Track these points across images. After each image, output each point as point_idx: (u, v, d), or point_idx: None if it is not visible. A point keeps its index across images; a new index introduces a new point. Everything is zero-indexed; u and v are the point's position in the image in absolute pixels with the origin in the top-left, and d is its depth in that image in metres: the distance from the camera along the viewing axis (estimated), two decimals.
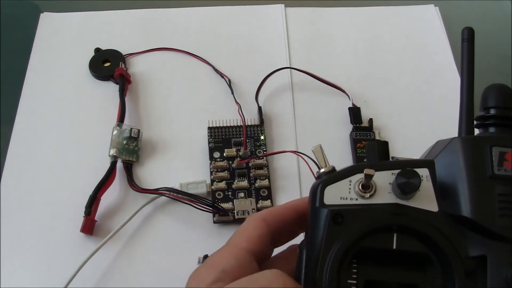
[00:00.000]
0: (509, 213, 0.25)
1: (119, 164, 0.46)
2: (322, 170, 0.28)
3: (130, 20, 0.57)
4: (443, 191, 0.26)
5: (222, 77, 0.52)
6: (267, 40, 0.56)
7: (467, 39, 0.33)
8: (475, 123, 0.30)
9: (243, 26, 0.57)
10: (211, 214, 0.44)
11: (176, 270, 0.41)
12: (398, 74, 0.54)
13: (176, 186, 0.44)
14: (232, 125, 0.48)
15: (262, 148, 0.47)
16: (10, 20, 0.58)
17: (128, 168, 0.46)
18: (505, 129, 0.28)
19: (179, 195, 0.43)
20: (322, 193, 0.26)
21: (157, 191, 0.44)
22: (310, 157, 0.30)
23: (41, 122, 0.49)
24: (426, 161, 0.27)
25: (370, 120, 0.49)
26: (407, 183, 0.25)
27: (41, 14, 0.57)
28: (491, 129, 0.28)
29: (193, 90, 0.52)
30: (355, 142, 0.48)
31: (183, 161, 0.47)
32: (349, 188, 0.26)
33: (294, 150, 0.45)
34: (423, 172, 0.26)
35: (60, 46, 0.54)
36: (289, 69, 0.53)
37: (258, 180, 0.45)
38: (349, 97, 0.51)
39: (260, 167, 0.46)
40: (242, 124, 0.47)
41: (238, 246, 0.28)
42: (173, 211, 0.44)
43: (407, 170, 0.25)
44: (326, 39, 0.56)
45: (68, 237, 0.43)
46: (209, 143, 0.47)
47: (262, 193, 0.45)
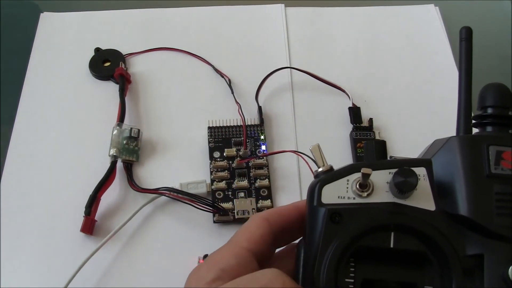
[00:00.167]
0: (506, 212, 0.25)
1: (119, 164, 0.46)
2: (320, 169, 0.28)
3: (130, 20, 0.57)
4: (441, 190, 0.26)
5: (222, 77, 0.52)
6: (267, 40, 0.56)
7: (465, 39, 0.33)
8: (473, 122, 0.30)
9: (243, 26, 0.57)
10: (211, 214, 0.44)
11: (176, 270, 0.41)
12: (398, 74, 0.54)
13: (176, 186, 0.44)
14: (232, 125, 0.48)
15: (262, 148, 0.47)
16: (10, 20, 0.58)
17: (128, 168, 0.46)
18: (503, 128, 0.28)
19: (179, 195, 0.43)
20: (320, 192, 0.26)
21: (157, 191, 0.44)
22: (310, 157, 0.30)
23: (41, 122, 0.49)
24: (424, 160, 0.27)
25: (370, 120, 0.49)
26: (404, 182, 0.25)
27: (41, 14, 0.57)
28: (489, 128, 0.28)
29: (193, 90, 0.52)
30: (355, 142, 0.48)
31: (183, 161, 0.47)
32: (347, 187, 0.26)
33: (294, 150, 0.45)
34: (421, 171, 0.26)
35: (60, 46, 0.54)
36: (289, 69, 0.53)
37: (258, 180, 0.45)
38: (349, 97, 0.51)
39: (260, 167, 0.46)
40: (242, 124, 0.47)
41: (239, 245, 0.27)
42: (173, 211, 0.44)
43: (404, 169, 0.25)
44: (326, 39, 0.56)
45: (68, 237, 0.43)
46: (209, 143, 0.47)
47: (262, 193, 0.45)
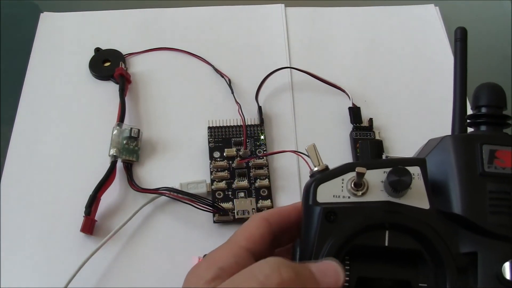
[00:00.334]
0: (500, 210, 0.25)
1: (119, 164, 0.46)
2: (316, 169, 0.29)
3: (130, 20, 0.57)
4: (435, 189, 0.26)
5: (222, 77, 0.52)
6: (267, 40, 0.56)
7: (460, 39, 0.33)
8: (467, 122, 0.30)
9: (243, 26, 0.57)
10: (211, 214, 0.44)
11: (176, 270, 0.41)
12: (398, 74, 0.54)
13: (176, 186, 0.44)
14: (232, 125, 0.48)
15: (262, 148, 0.47)
16: (10, 20, 0.58)
17: (128, 168, 0.46)
18: (496, 128, 0.29)
19: (179, 195, 0.43)
20: (315, 191, 0.27)
21: (157, 191, 0.44)
22: (310, 157, 0.30)
23: (41, 122, 0.49)
24: (418, 159, 0.27)
25: (370, 120, 0.49)
26: (399, 181, 0.25)
27: (41, 14, 0.57)
28: (483, 128, 0.29)
29: (193, 90, 0.52)
30: (355, 142, 0.48)
31: (183, 161, 0.47)
32: (342, 187, 0.27)
33: (294, 150, 0.45)
34: (415, 170, 0.27)
35: (60, 46, 0.54)
36: (289, 69, 0.53)
37: (258, 180, 0.45)
38: (349, 97, 0.51)
39: (260, 167, 0.46)
40: (242, 124, 0.47)
41: (238, 244, 0.28)
42: (173, 211, 0.44)
43: (399, 168, 0.26)
44: (326, 39, 0.56)
45: (68, 237, 0.43)
46: (209, 143, 0.47)
47: (262, 193, 0.45)
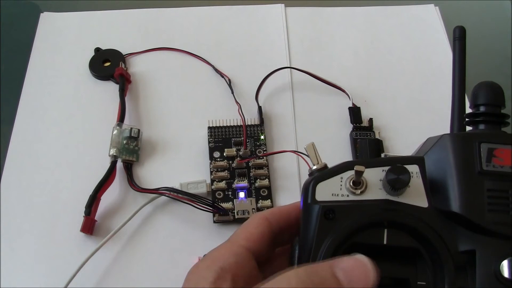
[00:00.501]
0: (498, 208, 0.25)
1: (119, 164, 0.46)
2: (314, 167, 0.29)
3: (130, 20, 0.57)
4: (433, 187, 0.27)
5: (222, 77, 0.52)
6: (267, 40, 0.56)
7: (459, 38, 0.33)
8: (466, 120, 0.30)
9: (243, 26, 0.57)
10: (211, 214, 0.44)
11: (176, 270, 0.41)
12: (398, 74, 0.54)
13: (176, 186, 0.44)
14: (232, 125, 0.48)
15: (262, 148, 0.47)
16: (10, 20, 0.58)
17: (128, 168, 0.46)
18: (495, 126, 0.29)
19: (179, 195, 0.43)
20: (314, 190, 0.27)
21: (157, 191, 0.44)
22: (309, 156, 0.30)
23: (41, 122, 0.49)
24: (416, 158, 0.27)
25: (370, 120, 0.49)
26: (397, 180, 0.25)
27: (41, 14, 0.57)
28: (481, 126, 0.29)
29: (193, 90, 0.52)
30: (355, 142, 0.48)
31: (183, 161, 0.47)
32: (341, 185, 0.27)
33: (294, 150, 0.45)
34: (413, 169, 0.27)
35: (60, 46, 0.54)
36: (289, 69, 0.53)
37: (258, 180, 0.45)
38: (349, 97, 0.51)
39: (260, 167, 0.46)
40: (242, 124, 0.47)
41: (237, 244, 0.28)
42: (173, 211, 0.44)
43: (397, 167, 0.26)
44: (326, 39, 0.56)
45: (68, 237, 0.43)
46: (209, 143, 0.47)
47: (262, 193, 0.45)
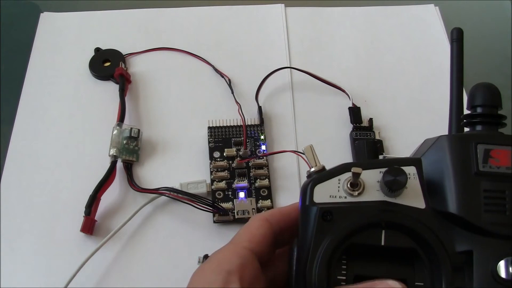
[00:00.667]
0: (495, 209, 0.25)
1: (119, 164, 0.46)
2: (312, 170, 0.29)
3: (130, 20, 0.57)
4: (430, 188, 0.27)
5: (222, 77, 0.52)
6: (267, 40, 0.56)
7: (456, 39, 0.33)
8: (463, 122, 0.30)
9: (243, 26, 0.57)
10: (211, 214, 0.44)
11: (176, 270, 0.41)
12: (398, 74, 0.54)
13: (176, 186, 0.44)
14: (232, 125, 0.48)
15: (262, 148, 0.47)
16: (10, 20, 0.58)
17: (128, 168, 0.46)
18: (492, 127, 0.29)
19: (179, 195, 0.43)
20: (312, 192, 0.27)
21: (157, 191, 0.44)
22: (307, 158, 0.30)
23: (41, 122, 0.49)
24: (413, 159, 0.27)
25: (370, 120, 0.49)
26: (394, 181, 0.26)
27: (41, 14, 0.57)
28: (478, 127, 0.29)
29: (193, 90, 0.52)
30: (355, 142, 0.48)
31: (183, 161, 0.47)
32: (338, 187, 0.27)
33: (294, 150, 0.45)
34: (410, 170, 0.27)
35: (60, 46, 0.54)
36: (289, 69, 0.53)
37: (258, 180, 0.45)
38: (349, 97, 0.51)
39: (260, 167, 0.46)
40: (242, 124, 0.47)
41: (241, 246, 0.28)
42: (173, 211, 0.44)
43: (394, 168, 0.26)
44: (326, 39, 0.56)
45: (68, 237, 0.43)
46: (209, 143, 0.47)
47: (262, 193, 0.45)
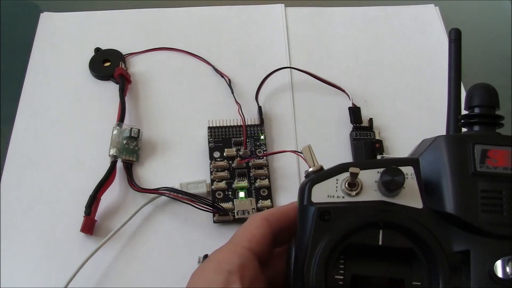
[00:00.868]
0: (492, 209, 0.25)
1: (119, 164, 0.46)
2: (310, 169, 0.29)
3: (130, 20, 0.57)
4: (428, 188, 0.27)
5: (222, 77, 0.52)
6: (267, 40, 0.56)
7: (454, 40, 0.33)
8: (461, 122, 0.30)
9: (243, 26, 0.57)
10: (211, 214, 0.44)
11: (176, 270, 0.41)
12: (398, 74, 0.54)
13: (176, 186, 0.44)
14: (232, 125, 0.48)
15: (262, 148, 0.47)
16: (10, 20, 0.58)
17: (128, 168, 0.46)
18: (489, 127, 0.29)
19: (179, 195, 0.43)
20: (310, 192, 0.27)
21: (157, 191, 0.44)
22: (305, 158, 0.30)
23: (41, 122, 0.49)
24: (411, 159, 0.28)
25: (370, 120, 0.49)
26: (392, 181, 0.26)
27: (41, 14, 0.57)
28: (476, 128, 0.29)
29: (193, 90, 0.52)
30: (354, 142, 0.48)
31: (183, 161, 0.47)
32: (336, 187, 0.27)
33: (294, 150, 0.45)
34: (408, 170, 0.27)
35: (60, 46, 0.54)
36: (289, 69, 0.53)
37: (258, 180, 0.45)
38: (349, 97, 0.51)
39: (260, 167, 0.46)
40: (242, 124, 0.47)
41: (240, 245, 0.28)
42: (173, 211, 0.44)
43: (392, 168, 0.26)
44: (326, 39, 0.56)
45: (68, 237, 0.43)
46: (209, 143, 0.47)
47: (262, 193, 0.45)
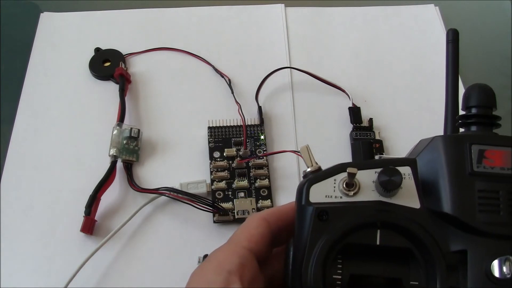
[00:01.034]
0: (489, 209, 0.25)
1: (119, 164, 0.46)
2: (308, 170, 0.29)
3: (130, 20, 0.57)
4: (425, 188, 0.27)
5: (222, 77, 0.52)
6: (267, 40, 0.56)
7: (452, 40, 0.34)
8: (458, 122, 0.30)
9: (243, 26, 0.57)
10: (211, 214, 0.44)
11: (176, 270, 0.41)
12: (398, 74, 0.54)
13: (176, 186, 0.44)
14: (232, 125, 0.48)
15: (262, 148, 0.47)
16: (10, 20, 0.58)
17: (128, 168, 0.46)
18: (486, 128, 0.29)
19: (179, 195, 0.43)
20: (308, 192, 0.27)
21: (157, 191, 0.44)
22: (303, 158, 0.30)
23: (41, 122, 0.49)
24: (408, 160, 0.28)
25: (370, 120, 0.49)
26: (389, 181, 0.26)
27: (41, 14, 0.57)
28: (473, 128, 0.29)
29: (193, 90, 0.52)
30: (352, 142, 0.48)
31: (183, 161, 0.47)
32: (334, 187, 0.27)
33: (294, 150, 0.45)
34: (406, 170, 0.27)
35: (60, 46, 0.54)
36: (289, 69, 0.53)
37: (258, 180, 0.45)
38: (349, 97, 0.51)
39: (260, 167, 0.46)
40: (242, 124, 0.47)
41: (240, 245, 0.28)
42: (173, 211, 0.44)
43: (389, 168, 0.26)
44: (326, 39, 0.56)
45: (68, 237, 0.43)
46: (209, 143, 0.47)
47: (262, 193, 0.45)
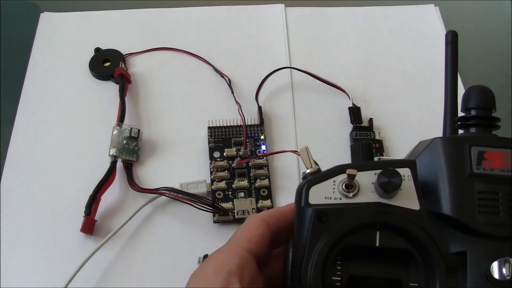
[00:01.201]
0: (488, 210, 0.25)
1: (119, 164, 0.46)
2: (308, 171, 0.29)
3: (130, 20, 0.57)
4: (425, 190, 0.27)
5: (222, 77, 0.52)
6: (267, 40, 0.56)
7: (451, 42, 0.34)
8: (458, 124, 0.30)
9: (243, 26, 0.57)
10: (211, 214, 0.44)
11: (176, 270, 0.41)
12: (398, 74, 0.54)
13: (176, 186, 0.44)
14: (232, 125, 0.48)
15: (262, 148, 0.47)
16: (10, 20, 0.58)
17: (128, 168, 0.46)
18: (486, 129, 0.29)
19: (179, 195, 0.43)
20: (307, 193, 0.27)
21: (157, 191, 0.44)
22: (303, 159, 0.30)
23: (41, 122, 0.49)
24: (408, 161, 0.28)
25: (370, 120, 0.49)
26: (389, 183, 0.26)
27: (41, 14, 0.57)
28: (472, 130, 0.29)
29: (193, 90, 0.52)
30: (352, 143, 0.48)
31: (183, 161, 0.47)
32: (333, 188, 0.27)
33: (294, 150, 0.45)
34: (405, 172, 0.27)
35: (60, 46, 0.54)
36: (289, 69, 0.53)
37: (258, 180, 0.45)
38: (349, 97, 0.51)
39: (260, 167, 0.46)
40: (242, 124, 0.47)
41: (240, 246, 0.28)
42: (173, 211, 0.44)
43: (389, 170, 0.26)
44: (326, 39, 0.56)
45: (68, 237, 0.43)
46: (209, 143, 0.47)
47: (262, 193, 0.45)
